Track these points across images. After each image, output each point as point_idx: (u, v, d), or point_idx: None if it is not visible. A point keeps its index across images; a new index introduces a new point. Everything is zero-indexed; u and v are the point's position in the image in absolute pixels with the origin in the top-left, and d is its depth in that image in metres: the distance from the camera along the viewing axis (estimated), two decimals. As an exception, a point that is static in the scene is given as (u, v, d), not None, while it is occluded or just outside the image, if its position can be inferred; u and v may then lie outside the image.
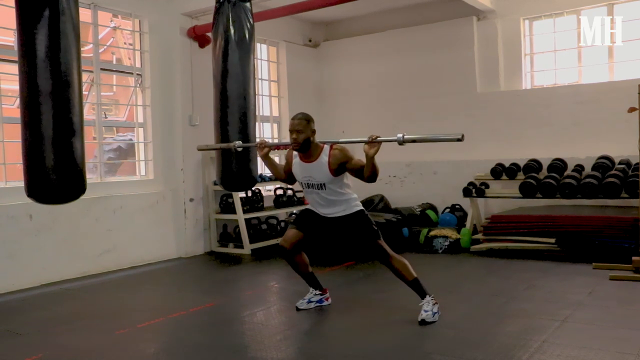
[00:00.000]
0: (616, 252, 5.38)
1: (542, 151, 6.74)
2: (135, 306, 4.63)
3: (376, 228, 3.99)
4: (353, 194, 4.05)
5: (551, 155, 6.58)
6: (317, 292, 4.30)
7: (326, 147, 3.94)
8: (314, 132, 3.96)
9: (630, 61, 6.62)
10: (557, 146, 6.72)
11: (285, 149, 4.28)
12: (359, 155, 3.85)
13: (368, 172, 3.71)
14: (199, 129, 6.76)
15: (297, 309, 4.22)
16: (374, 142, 3.59)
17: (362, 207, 4.05)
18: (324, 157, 3.91)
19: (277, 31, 7.91)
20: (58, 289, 5.22)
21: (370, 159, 3.64)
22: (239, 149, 4.18)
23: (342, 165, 3.88)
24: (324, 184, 3.93)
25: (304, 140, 3.89)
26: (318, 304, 4.27)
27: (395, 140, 3.48)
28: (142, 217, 6.33)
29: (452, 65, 7.47)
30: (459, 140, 3.28)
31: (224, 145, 4.21)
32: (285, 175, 4.25)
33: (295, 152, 4.06)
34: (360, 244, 4.08)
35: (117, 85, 7.54)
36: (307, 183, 4.00)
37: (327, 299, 4.33)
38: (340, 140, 3.97)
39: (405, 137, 3.44)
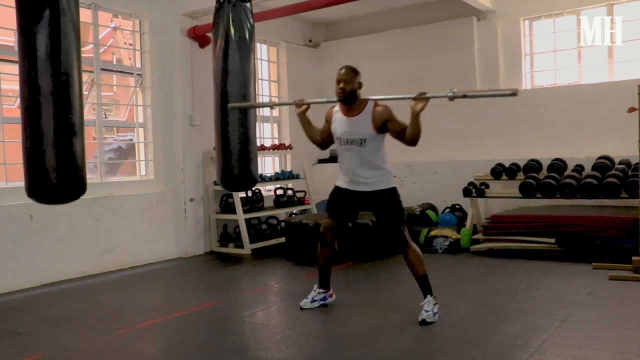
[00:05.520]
0: (616, 252, 5.38)
1: (542, 151, 6.74)
2: (136, 306, 4.63)
3: (404, 212, 3.93)
4: (389, 168, 3.95)
5: (551, 155, 6.58)
6: (321, 290, 4.28)
7: (370, 103, 3.84)
8: (360, 85, 3.87)
9: (630, 61, 6.62)
10: (557, 146, 6.72)
11: (328, 103, 4.12)
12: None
13: (411, 131, 3.62)
14: (199, 129, 6.76)
15: (301, 309, 4.21)
16: (421, 98, 3.48)
17: (395, 185, 3.96)
18: (368, 112, 3.81)
19: (277, 31, 7.91)
20: (58, 289, 5.22)
21: (416, 115, 3.54)
22: (275, 108, 4.13)
23: (384, 124, 3.78)
24: (365, 140, 3.80)
25: (350, 91, 3.80)
26: (322, 302, 4.26)
27: (445, 96, 3.35)
28: (143, 217, 6.33)
29: (452, 65, 7.47)
30: (513, 95, 3.16)
31: (258, 104, 4.07)
32: (322, 137, 4.12)
33: (336, 109, 3.98)
34: (384, 224, 3.99)
35: (117, 86, 7.55)
36: (347, 139, 3.85)
37: (330, 296, 4.31)
38: (385, 96, 3.82)
39: (455, 92, 3.32)
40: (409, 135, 3.67)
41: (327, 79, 8.54)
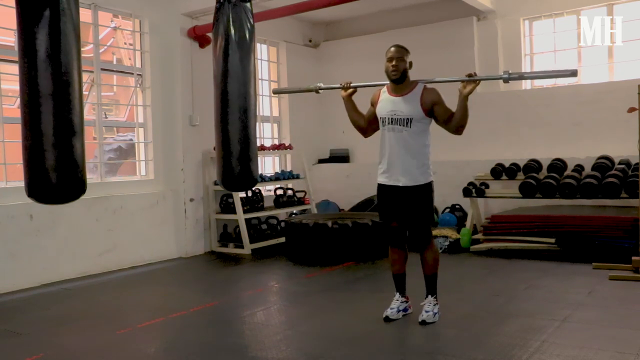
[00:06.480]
0: (616, 252, 5.38)
1: (542, 151, 6.74)
2: (136, 306, 4.63)
3: (434, 210, 3.87)
4: (430, 163, 3.82)
5: (551, 155, 6.58)
6: (403, 299, 4.02)
7: (420, 84, 3.75)
8: (410, 65, 3.78)
9: (630, 61, 6.63)
10: (557, 146, 6.72)
11: (374, 87, 4.06)
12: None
13: (459, 115, 3.54)
14: (199, 129, 6.76)
15: (388, 319, 3.87)
16: (471, 80, 3.39)
17: (432, 179, 3.82)
18: (418, 92, 3.71)
19: (277, 31, 7.91)
20: (58, 289, 5.22)
21: (464, 98, 3.47)
22: (320, 91, 4.12)
23: (432, 107, 3.68)
24: (411, 120, 3.68)
25: (403, 70, 3.72)
26: (404, 313, 3.98)
27: (499, 78, 3.25)
28: (143, 217, 6.33)
29: (452, 65, 7.45)
30: (573, 75, 3.08)
31: (303, 88, 4.11)
32: (367, 122, 3.99)
33: (383, 90, 3.90)
34: (413, 219, 3.81)
35: (117, 86, 7.55)
36: (392, 118, 3.72)
37: (409, 307, 4.03)
38: (436, 79, 3.75)
39: (511, 73, 3.22)
40: (456, 121, 3.60)
41: (327, 79, 8.52)
